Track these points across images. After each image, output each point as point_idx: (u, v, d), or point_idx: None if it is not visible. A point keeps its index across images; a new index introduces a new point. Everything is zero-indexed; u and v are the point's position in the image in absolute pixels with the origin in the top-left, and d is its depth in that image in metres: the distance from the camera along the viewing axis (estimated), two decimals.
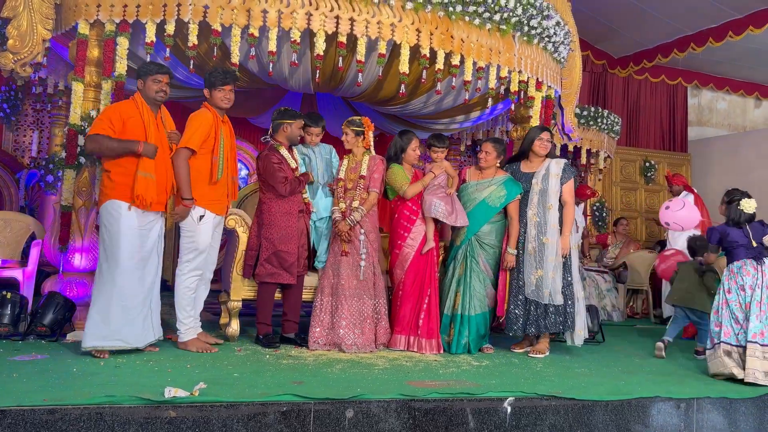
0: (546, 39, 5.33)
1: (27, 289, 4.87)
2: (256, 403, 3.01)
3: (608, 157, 8.77)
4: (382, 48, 4.54)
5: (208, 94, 4.22)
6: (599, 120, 8.31)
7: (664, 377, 4.21)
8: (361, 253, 4.51)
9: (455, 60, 4.78)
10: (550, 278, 4.57)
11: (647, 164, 9.94)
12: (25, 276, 4.94)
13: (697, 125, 10.95)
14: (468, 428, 3.26)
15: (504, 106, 6.08)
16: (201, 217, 4.14)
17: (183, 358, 3.91)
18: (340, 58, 4.52)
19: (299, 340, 4.55)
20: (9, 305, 4.28)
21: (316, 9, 4.36)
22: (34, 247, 5.07)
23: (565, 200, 4.70)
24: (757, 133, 10.47)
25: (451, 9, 4.64)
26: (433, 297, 4.65)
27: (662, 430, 3.60)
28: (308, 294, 4.69)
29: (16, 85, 6.80)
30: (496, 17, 4.86)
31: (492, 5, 4.78)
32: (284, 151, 4.58)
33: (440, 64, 4.71)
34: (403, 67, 4.59)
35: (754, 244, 4.45)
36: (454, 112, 6.04)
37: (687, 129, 10.77)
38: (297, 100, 6.85)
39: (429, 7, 4.57)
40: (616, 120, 8.61)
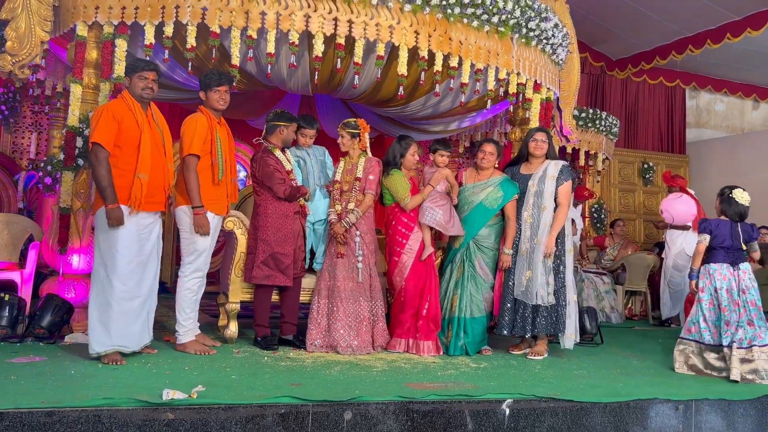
0: (544, 41, 5.33)
1: (25, 291, 4.86)
2: (255, 405, 3.00)
3: (606, 158, 8.75)
4: (381, 50, 4.54)
5: (204, 96, 4.22)
6: (597, 122, 8.30)
7: (663, 379, 4.21)
8: (357, 255, 4.51)
9: (453, 62, 4.78)
10: (539, 280, 4.56)
11: (645, 166, 9.95)
12: (23, 278, 4.92)
13: (696, 127, 10.95)
14: (466, 430, 3.26)
15: (501, 106, 6.08)
16: None
17: (181, 360, 3.90)
18: (339, 60, 4.52)
19: (297, 342, 4.54)
20: (7, 307, 4.26)
21: (315, 11, 4.35)
22: (32, 249, 5.06)
23: (559, 202, 4.68)
24: (755, 134, 10.48)
25: (449, 11, 4.64)
26: (434, 301, 4.64)
27: (661, 431, 3.60)
28: (306, 296, 4.69)
29: (14, 87, 6.79)
30: (495, 19, 4.86)
31: (490, 7, 4.78)
32: (279, 153, 4.58)
33: (438, 66, 4.71)
34: (402, 69, 4.59)
35: (744, 247, 4.46)
36: (452, 113, 6.05)
37: (685, 131, 10.77)
38: (296, 102, 6.84)
39: (427, 9, 4.57)
40: (614, 122, 8.61)
